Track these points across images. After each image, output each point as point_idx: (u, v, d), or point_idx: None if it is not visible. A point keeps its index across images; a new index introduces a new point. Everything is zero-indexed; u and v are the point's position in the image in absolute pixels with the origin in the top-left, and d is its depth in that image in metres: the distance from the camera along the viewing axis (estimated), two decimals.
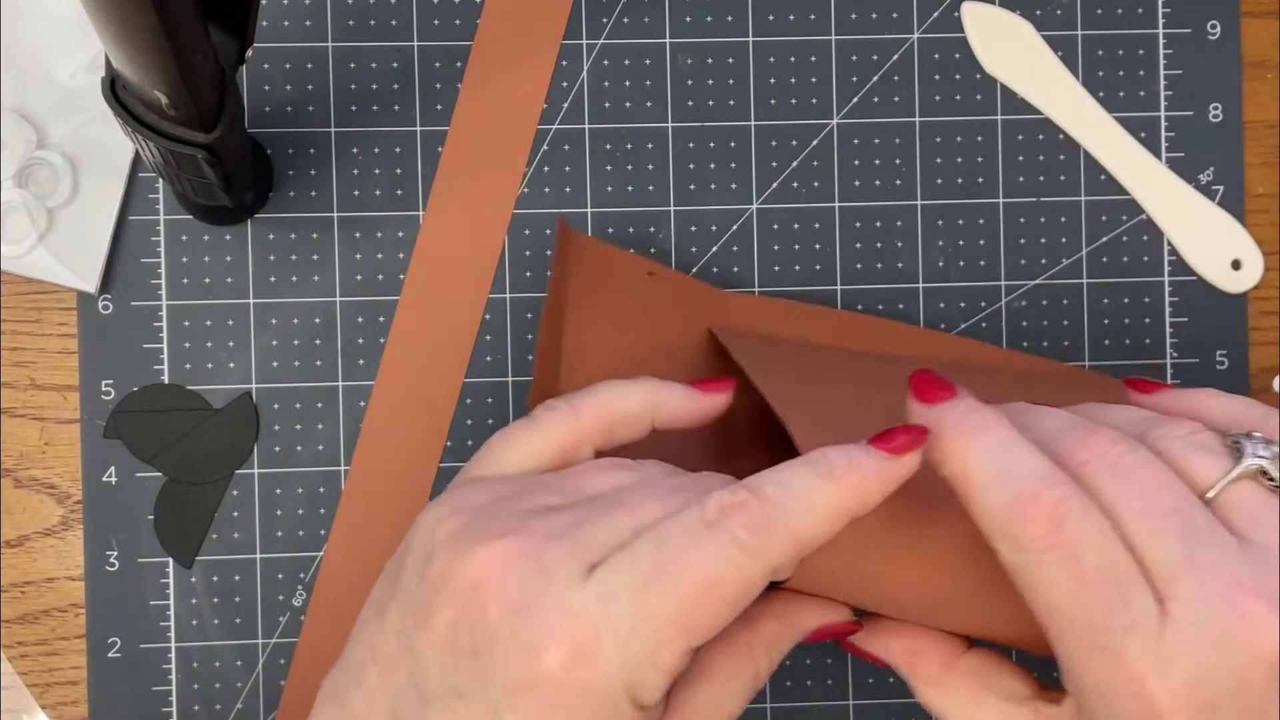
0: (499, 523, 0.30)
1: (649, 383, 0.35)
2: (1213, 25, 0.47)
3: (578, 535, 0.29)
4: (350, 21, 0.45)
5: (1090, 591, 0.28)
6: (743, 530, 0.28)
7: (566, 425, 0.34)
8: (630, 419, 0.34)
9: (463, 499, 0.32)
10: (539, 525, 0.30)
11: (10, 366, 0.44)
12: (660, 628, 0.28)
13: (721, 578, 0.28)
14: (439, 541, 0.30)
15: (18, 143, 0.43)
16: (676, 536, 0.29)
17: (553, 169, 0.46)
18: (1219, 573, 0.28)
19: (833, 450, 0.30)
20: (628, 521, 0.29)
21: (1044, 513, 0.28)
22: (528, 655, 0.28)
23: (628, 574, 0.28)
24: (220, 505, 0.44)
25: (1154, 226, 0.47)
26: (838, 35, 0.46)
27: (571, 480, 0.32)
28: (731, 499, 0.29)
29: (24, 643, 0.44)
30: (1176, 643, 0.27)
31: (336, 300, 0.45)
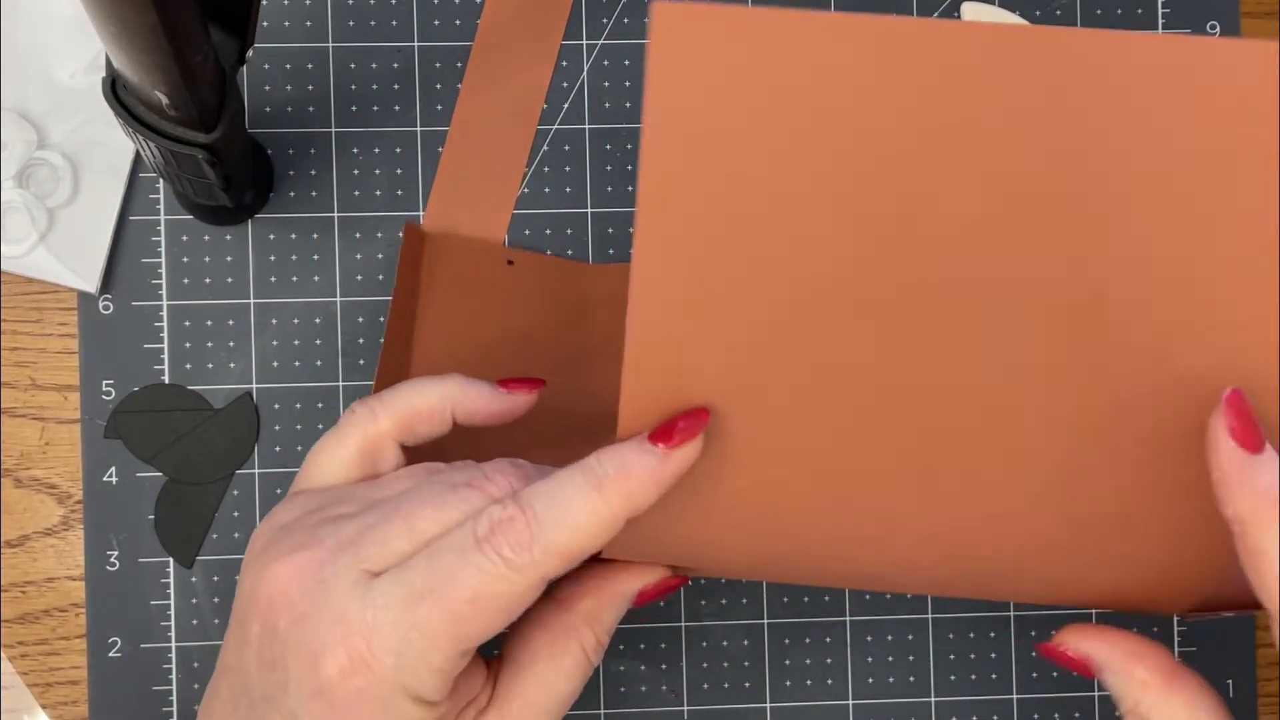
0: (294, 537, 0.32)
1: (452, 379, 0.36)
2: (1212, 26, 0.47)
3: (358, 546, 0.31)
4: (350, 22, 0.45)
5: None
6: (509, 549, 0.30)
7: (362, 427, 0.36)
8: (428, 414, 0.36)
9: (276, 517, 0.34)
10: (328, 538, 0.32)
11: (11, 366, 0.44)
12: (430, 635, 0.30)
13: (488, 591, 0.30)
14: (249, 559, 0.33)
15: (18, 143, 0.43)
16: (446, 554, 0.30)
17: (553, 169, 0.46)
18: None
19: (606, 454, 0.30)
20: (403, 531, 0.31)
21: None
22: (313, 663, 0.30)
23: (401, 588, 0.30)
24: (221, 505, 0.44)
25: None
26: None
27: (368, 490, 0.34)
28: (501, 514, 0.30)
29: (24, 642, 0.44)
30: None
31: (337, 300, 0.45)
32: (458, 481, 0.32)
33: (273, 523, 0.34)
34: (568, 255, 0.46)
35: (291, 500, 0.35)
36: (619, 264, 0.45)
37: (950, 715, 0.45)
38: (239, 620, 0.33)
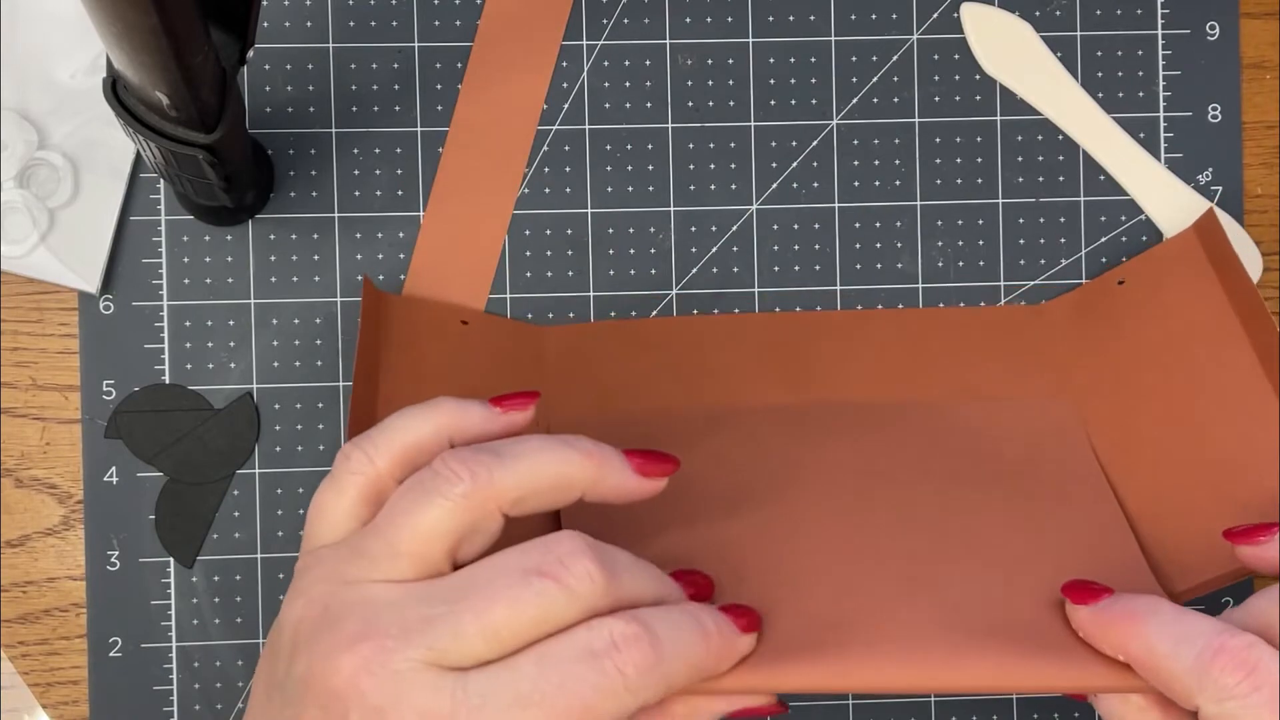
0: (351, 623, 0.30)
1: (443, 404, 0.34)
2: (1212, 26, 0.47)
3: (428, 636, 0.29)
4: (351, 22, 0.45)
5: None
6: (632, 669, 0.29)
7: (362, 476, 0.33)
8: (427, 447, 0.33)
9: (308, 587, 0.31)
10: (389, 624, 0.29)
11: (11, 366, 0.44)
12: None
13: (600, 708, 0.29)
14: (301, 640, 0.31)
15: (19, 143, 0.43)
16: (561, 661, 0.29)
17: (553, 169, 0.46)
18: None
19: (702, 611, 0.31)
20: (478, 630, 0.29)
21: (1236, 659, 0.30)
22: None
23: (506, 691, 0.29)
24: (221, 505, 0.44)
25: (1153, 227, 0.47)
26: (838, 36, 0.46)
27: (385, 538, 0.31)
28: (624, 631, 0.29)
29: (25, 642, 0.44)
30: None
31: (337, 300, 0.45)
32: (528, 567, 0.30)
33: (309, 596, 0.31)
34: (567, 255, 0.46)
35: (315, 566, 0.32)
36: (569, 325, 0.45)
37: (950, 715, 0.45)
38: (289, 700, 0.30)
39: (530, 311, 0.45)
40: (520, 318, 0.45)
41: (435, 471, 0.31)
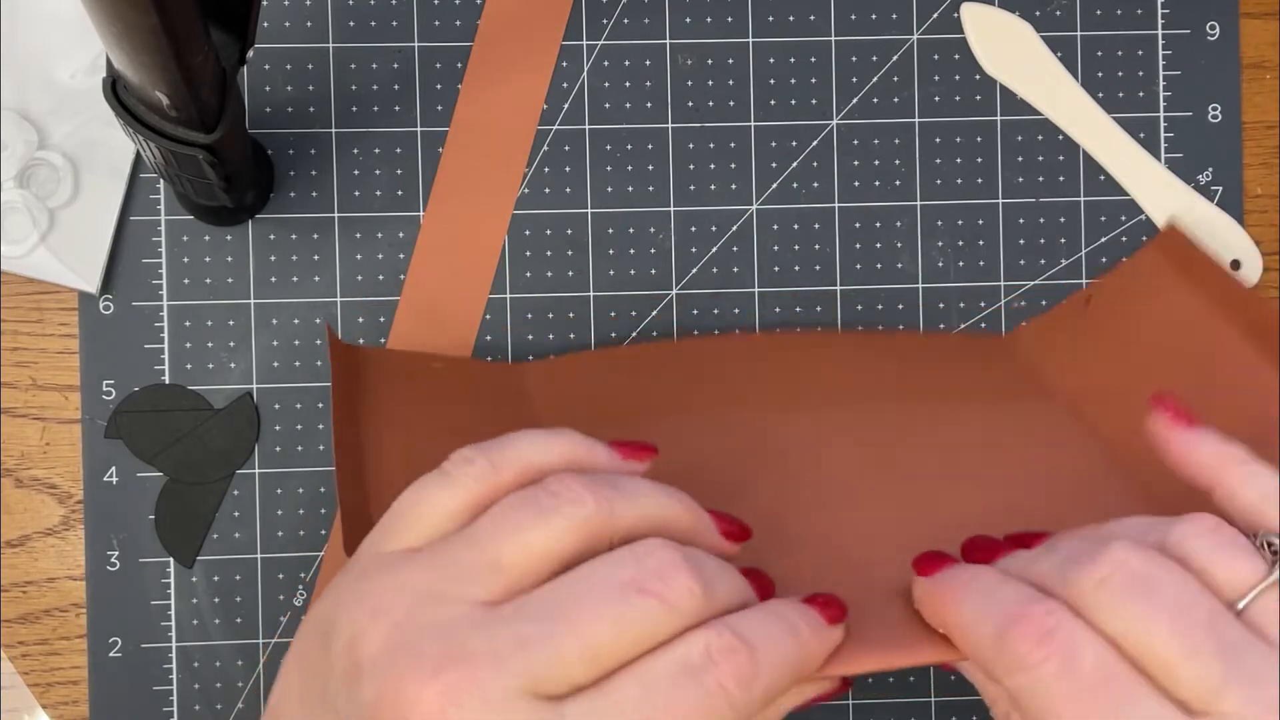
0: (432, 646, 0.27)
1: (570, 437, 0.32)
2: (1212, 26, 0.47)
3: (525, 662, 0.27)
4: (351, 22, 0.45)
5: (1092, 696, 0.27)
6: (732, 682, 0.27)
7: (485, 482, 0.30)
8: (549, 472, 0.31)
9: (380, 596, 0.28)
10: (478, 647, 0.27)
11: (11, 366, 0.44)
12: None
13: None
14: (367, 659, 0.27)
15: (19, 143, 0.43)
16: (661, 681, 0.27)
17: (553, 169, 0.46)
18: (1269, 690, 0.27)
19: (789, 609, 0.30)
20: (577, 651, 0.27)
21: (1032, 629, 0.28)
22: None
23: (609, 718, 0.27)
24: (221, 505, 0.44)
25: (1153, 227, 0.47)
26: (838, 36, 0.46)
27: (486, 552, 0.29)
28: (721, 644, 0.28)
29: (25, 642, 0.44)
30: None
31: (337, 300, 0.45)
32: (625, 582, 0.28)
33: (377, 606, 0.28)
34: (567, 255, 0.46)
35: (390, 569, 0.29)
36: (548, 360, 0.45)
37: (950, 715, 0.45)
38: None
39: (530, 312, 0.45)
40: (520, 318, 0.45)
41: (554, 492, 0.29)
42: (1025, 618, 0.28)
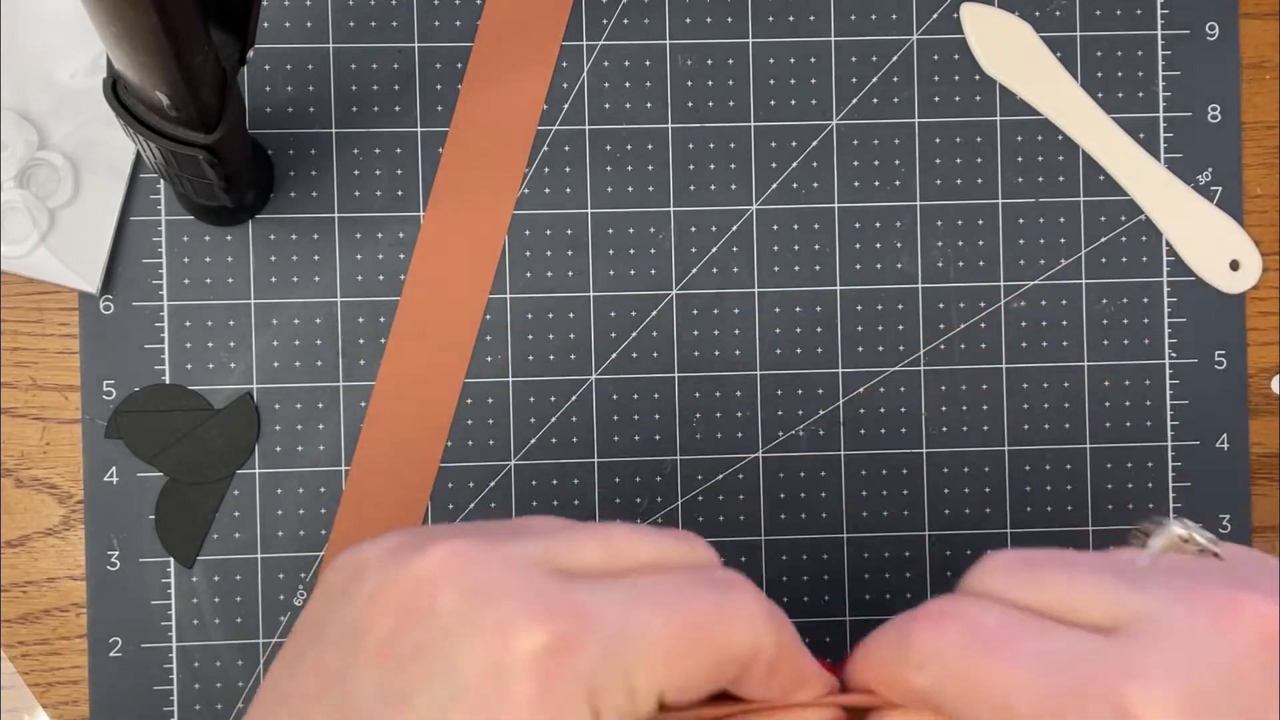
0: (446, 531, 0.26)
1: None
2: (1211, 26, 0.47)
3: (540, 541, 0.26)
4: (351, 23, 0.45)
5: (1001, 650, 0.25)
6: (753, 603, 0.26)
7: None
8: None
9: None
10: (491, 530, 0.26)
11: (11, 367, 0.44)
12: (647, 644, 0.24)
13: (722, 627, 0.25)
14: (371, 560, 0.26)
15: (19, 143, 0.43)
16: (682, 578, 0.26)
17: (553, 169, 0.46)
18: (1179, 581, 0.25)
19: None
20: (593, 540, 0.26)
21: (929, 616, 0.26)
22: (495, 636, 0.24)
23: (621, 590, 0.25)
24: (221, 505, 0.44)
25: (1153, 227, 0.47)
26: (838, 36, 0.46)
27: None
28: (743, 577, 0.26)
29: (25, 642, 0.44)
30: (1146, 651, 0.24)
31: (337, 300, 0.45)
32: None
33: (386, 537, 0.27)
34: (567, 255, 0.46)
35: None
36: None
37: None
38: (342, 635, 0.25)
39: (530, 312, 0.45)
40: (520, 318, 0.45)
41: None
42: (920, 615, 0.26)
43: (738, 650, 0.25)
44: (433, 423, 0.45)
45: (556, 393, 0.46)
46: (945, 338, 0.47)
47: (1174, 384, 0.47)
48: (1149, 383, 0.47)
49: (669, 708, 0.26)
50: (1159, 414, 0.47)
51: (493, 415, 0.45)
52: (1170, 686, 0.23)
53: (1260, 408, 0.47)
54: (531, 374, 0.45)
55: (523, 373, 0.45)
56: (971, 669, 0.25)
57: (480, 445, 0.45)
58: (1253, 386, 0.47)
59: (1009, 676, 0.24)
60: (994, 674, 0.25)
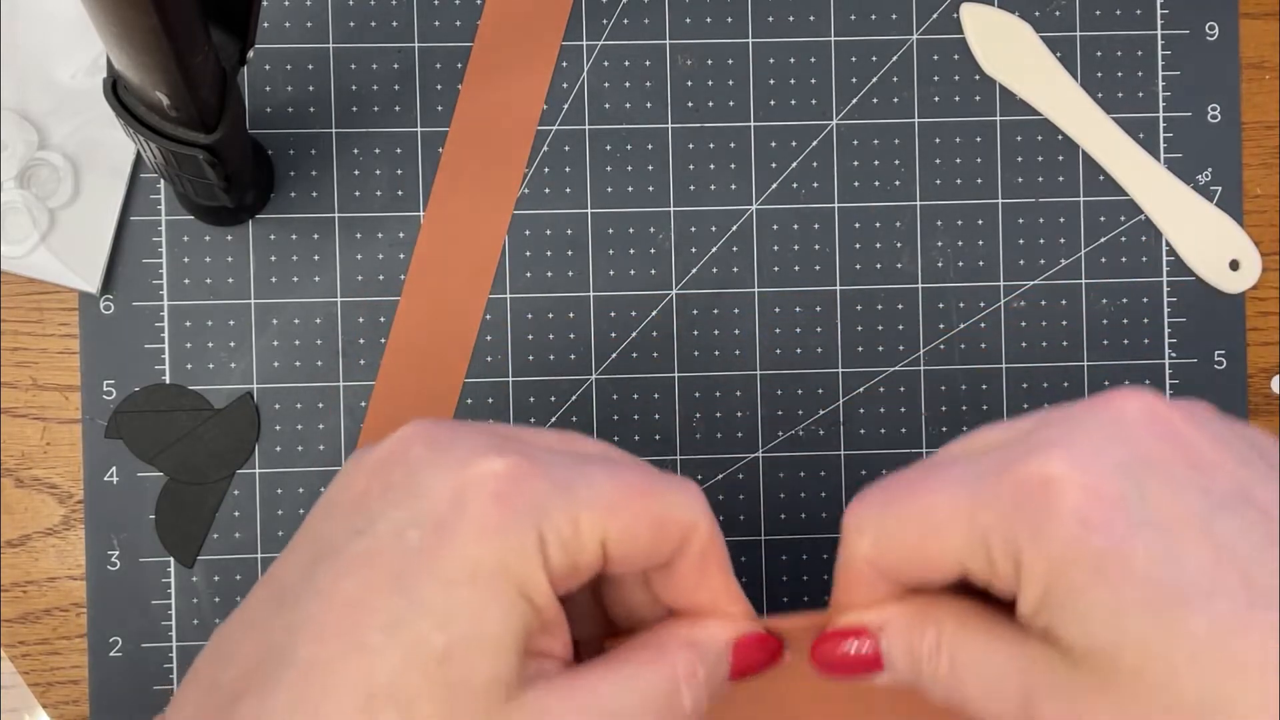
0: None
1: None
2: (1211, 26, 0.47)
3: (513, 428, 0.28)
4: (351, 23, 0.45)
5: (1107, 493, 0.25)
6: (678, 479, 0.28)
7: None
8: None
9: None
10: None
11: (12, 367, 0.44)
12: (592, 490, 0.26)
13: (653, 489, 0.27)
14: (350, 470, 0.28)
15: (19, 143, 0.43)
16: (625, 457, 0.28)
17: (553, 169, 0.46)
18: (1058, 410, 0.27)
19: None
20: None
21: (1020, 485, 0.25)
22: (455, 466, 0.26)
23: (573, 457, 0.27)
24: (221, 505, 0.44)
25: (1152, 227, 0.47)
26: (837, 36, 0.46)
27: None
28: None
29: (25, 642, 0.44)
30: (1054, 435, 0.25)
31: (337, 300, 0.45)
32: None
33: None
34: (567, 255, 0.46)
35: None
36: None
37: None
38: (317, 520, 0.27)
39: (530, 312, 0.45)
40: (520, 318, 0.45)
41: None
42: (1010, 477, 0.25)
43: (676, 517, 0.27)
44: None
45: (556, 393, 0.46)
46: (945, 338, 0.47)
47: (1174, 384, 0.47)
48: (1149, 382, 0.47)
49: (610, 570, 0.27)
50: None
51: (493, 415, 0.45)
52: (1083, 450, 0.25)
53: (1260, 408, 0.47)
54: (531, 374, 0.45)
55: (523, 373, 0.45)
56: (897, 507, 0.27)
57: None
58: (1253, 386, 0.47)
59: (932, 497, 0.26)
60: (917, 501, 0.26)
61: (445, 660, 0.24)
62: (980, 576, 0.26)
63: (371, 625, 0.24)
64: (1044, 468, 0.25)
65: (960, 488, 0.26)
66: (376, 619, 0.24)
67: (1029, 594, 0.25)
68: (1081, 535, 0.24)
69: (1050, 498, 0.24)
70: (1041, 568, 0.24)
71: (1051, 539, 0.24)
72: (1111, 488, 0.24)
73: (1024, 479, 0.25)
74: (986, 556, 0.25)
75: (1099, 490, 0.24)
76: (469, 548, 0.25)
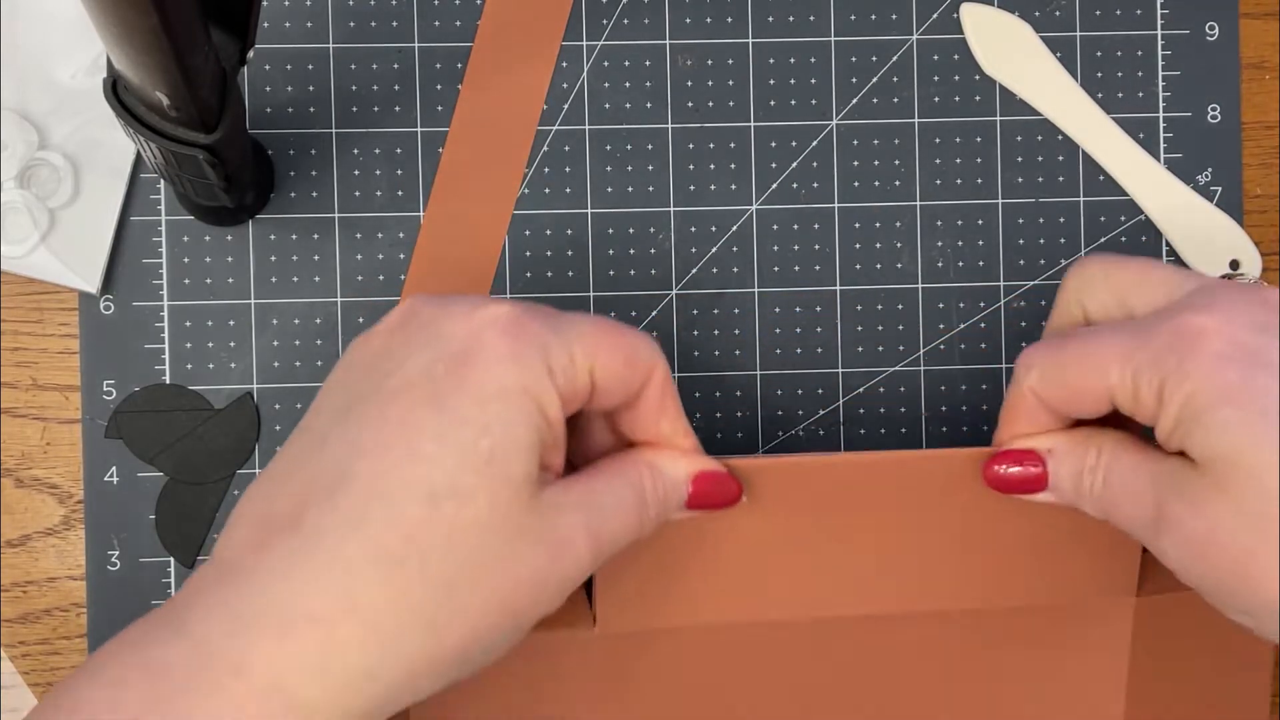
0: None
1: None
2: (1211, 26, 0.47)
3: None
4: (351, 23, 0.45)
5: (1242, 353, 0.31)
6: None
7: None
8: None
9: None
10: None
11: (12, 367, 0.44)
12: (578, 331, 0.32)
13: (623, 333, 0.32)
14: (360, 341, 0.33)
15: (19, 143, 0.43)
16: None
17: (553, 169, 0.46)
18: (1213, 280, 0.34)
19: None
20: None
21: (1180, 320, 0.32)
22: (468, 312, 0.31)
23: (555, 310, 0.32)
24: (221, 505, 0.44)
25: (1153, 227, 0.47)
26: (837, 36, 0.46)
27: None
28: None
29: (25, 642, 0.44)
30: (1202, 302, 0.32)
31: (337, 300, 0.45)
32: None
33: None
34: (567, 255, 0.46)
35: None
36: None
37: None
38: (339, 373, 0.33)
39: None
40: None
41: None
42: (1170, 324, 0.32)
43: (642, 356, 0.33)
44: None
45: None
46: (945, 338, 0.47)
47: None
48: None
49: (594, 404, 0.32)
50: None
51: None
52: (1231, 311, 0.31)
53: None
54: None
55: None
56: (1065, 349, 0.33)
57: None
58: None
59: (1096, 341, 0.33)
60: (1084, 345, 0.33)
61: (490, 460, 0.29)
62: (1126, 407, 0.32)
63: (423, 438, 0.29)
64: (1198, 319, 0.31)
65: (1122, 334, 0.32)
66: (426, 433, 0.29)
67: (1168, 415, 0.31)
68: (1219, 368, 0.30)
69: (1199, 340, 0.30)
70: (1183, 392, 0.30)
71: (1194, 370, 0.30)
72: (1249, 338, 0.30)
73: (1180, 326, 0.31)
74: (1134, 388, 0.32)
75: (1238, 339, 0.30)
76: (493, 370, 0.30)
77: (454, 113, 0.45)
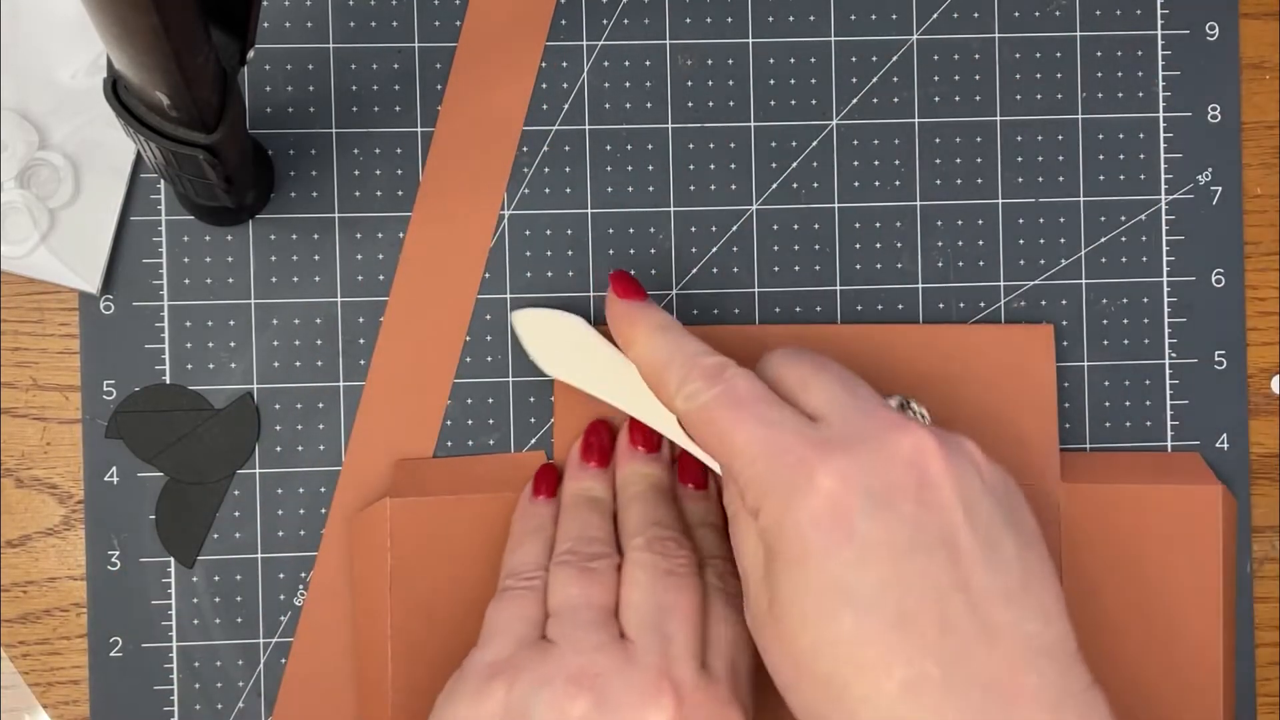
0: None
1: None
2: (1211, 26, 0.47)
3: None
4: (351, 23, 0.45)
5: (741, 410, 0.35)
6: None
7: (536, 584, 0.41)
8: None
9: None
10: None
11: (12, 367, 0.44)
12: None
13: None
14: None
15: (19, 143, 0.43)
16: None
17: (553, 169, 0.46)
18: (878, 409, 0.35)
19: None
20: None
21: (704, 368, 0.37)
22: None
23: None
24: (221, 505, 0.44)
25: (1153, 227, 0.47)
26: (837, 36, 0.46)
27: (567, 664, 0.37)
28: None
29: (26, 642, 0.44)
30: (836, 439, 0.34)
31: (337, 300, 0.45)
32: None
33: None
34: (567, 255, 0.46)
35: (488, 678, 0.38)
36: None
37: None
38: None
39: None
40: None
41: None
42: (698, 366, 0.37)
43: None
44: (424, 425, 0.45)
45: None
46: None
47: (1174, 384, 0.47)
48: (1149, 383, 0.47)
49: None
50: (1159, 414, 0.47)
51: (493, 415, 0.45)
52: (845, 466, 0.33)
53: (1260, 408, 0.47)
54: (532, 374, 0.45)
55: (522, 372, 0.45)
56: (714, 413, 0.36)
57: (481, 446, 0.45)
58: (1253, 386, 0.47)
59: (738, 426, 0.35)
60: (727, 421, 0.35)
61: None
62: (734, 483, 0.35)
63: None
64: (823, 465, 0.33)
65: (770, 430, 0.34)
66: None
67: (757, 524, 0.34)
68: (807, 526, 0.32)
69: (809, 484, 0.33)
70: (771, 523, 0.33)
71: (790, 513, 0.33)
72: (851, 503, 0.32)
73: (801, 462, 0.33)
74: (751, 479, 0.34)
75: (841, 503, 0.32)
76: None
77: (437, 119, 0.45)
